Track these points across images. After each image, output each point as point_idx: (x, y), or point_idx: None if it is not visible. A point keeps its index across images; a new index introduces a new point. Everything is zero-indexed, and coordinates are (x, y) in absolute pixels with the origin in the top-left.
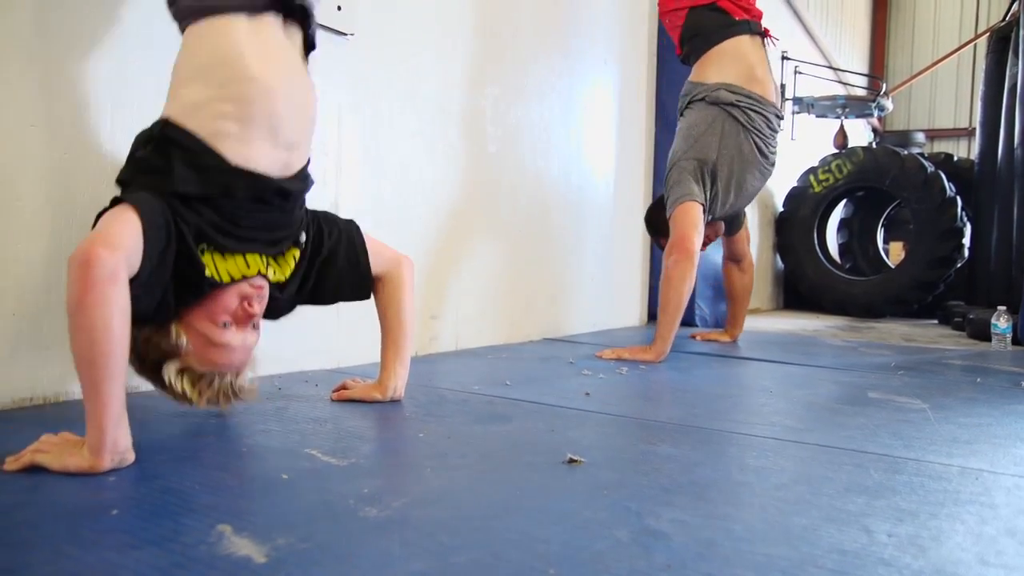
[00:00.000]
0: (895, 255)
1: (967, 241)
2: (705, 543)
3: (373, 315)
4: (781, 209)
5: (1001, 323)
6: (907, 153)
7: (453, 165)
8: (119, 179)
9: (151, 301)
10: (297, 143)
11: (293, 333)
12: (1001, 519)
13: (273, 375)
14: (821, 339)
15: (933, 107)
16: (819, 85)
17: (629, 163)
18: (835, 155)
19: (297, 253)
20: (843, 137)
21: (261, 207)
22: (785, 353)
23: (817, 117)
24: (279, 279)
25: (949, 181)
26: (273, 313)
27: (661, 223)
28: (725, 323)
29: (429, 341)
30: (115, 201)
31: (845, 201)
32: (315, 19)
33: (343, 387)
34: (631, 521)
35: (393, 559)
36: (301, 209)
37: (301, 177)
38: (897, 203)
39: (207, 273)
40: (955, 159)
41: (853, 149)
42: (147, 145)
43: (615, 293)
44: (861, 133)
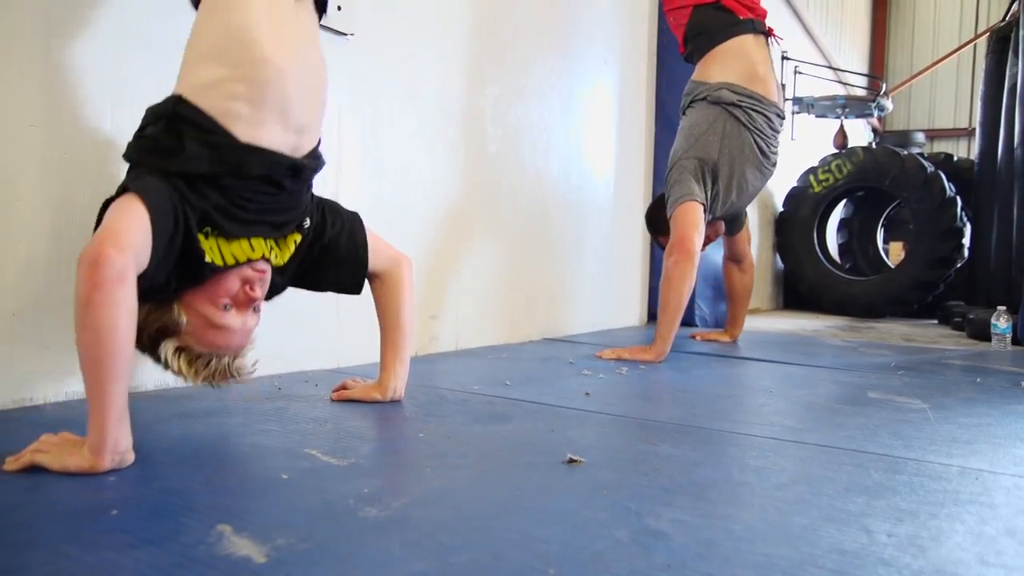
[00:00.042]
0: (895, 255)
1: (967, 241)
2: (705, 543)
3: (373, 315)
4: (781, 209)
5: (1001, 323)
6: (907, 153)
7: (453, 165)
8: (126, 155)
9: (154, 283)
10: (307, 126)
11: (293, 333)
12: (1001, 519)
13: (273, 375)
14: (821, 339)
15: (933, 107)
16: (819, 85)
17: (629, 163)
18: (835, 155)
19: (298, 238)
20: (843, 137)
21: (270, 188)
22: (785, 353)
23: (817, 117)
24: (279, 263)
25: (949, 181)
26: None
27: (661, 222)
28: (725, 323)
29: (429, 341)
30: (122, 189)
31: (845, 201)
32: None
33: (343, 387)
34: (631, 521)
35: (393, 559)
36: (308, 193)
37: (312, 156)
38: (897, 203)
39: (207, 259)
40: (955, 159)
41: (853, 149)
42: (158, 122)
43: (615, 293)
44: (861, 133)
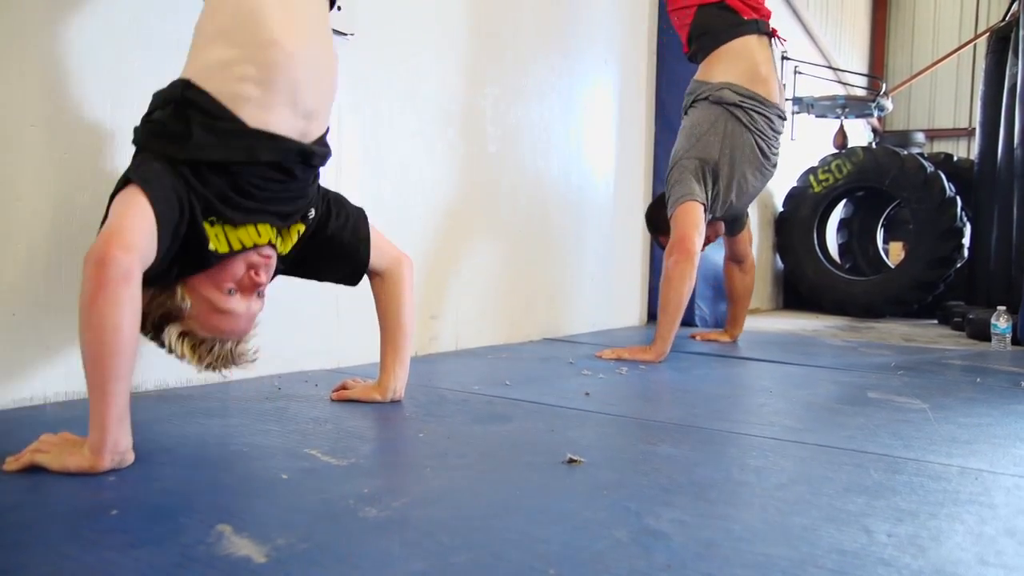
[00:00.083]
0: (895, 255)
1: (967, 241)
2: (705, 543)
3: (373, 315)
4: (781, 209)
5: (1001, 323)
6: (907, 153)
7: (453, 165)
8: (134, 140)
9: (158, 270)
10: (316, 112)
11: (293, 333)
12: (1000, 519)
13: (273, 375)
14: (821, 339)
15: (933, 107)
16: (819, 85)
17: (629, 163)
18: (835, 155)
19: (302, 228)
20: (843, 137)
21: (280, 175)
22: (785, 353)
23: (817, 117)
24: (283, 251)
25: (949, 181)
26: None
27: (662, 221)
28: (725, 323)
29: (429, 341)
30: (125, 180)
31: (845, 201)
32: None
33: (343, 387)
34: (631, 521)
35: (393, 559)
36: (315, 183)
37: (321, 142)
38: (897, 203)
39: (211, 247)
40: (955, 159)
41: (853, 149)
42: (166, 106)
43: (615, 293)
44: (861, 133)
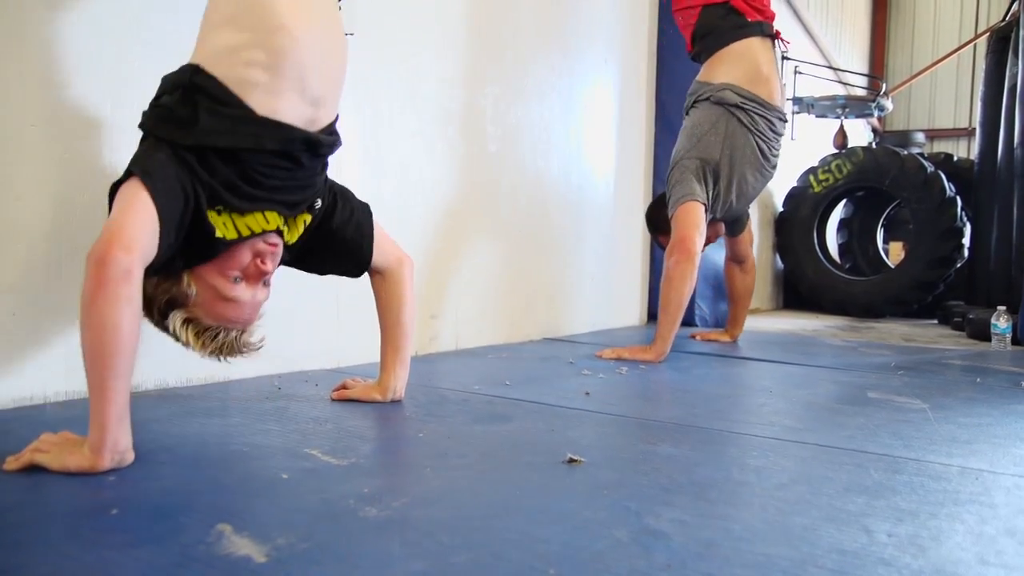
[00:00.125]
0: (895, 255)
1: (967, 241)
2: (705, 543)
3: (373, 315)
4: (781, 209)
5: (1001, 323)
6: (907, 153)
7: (453, 165)
8: (141, 124)
9: (163, 258)
10: (324, 99)
11: (293, 333)
12: (1001, 519)
13: (273, 375)
14: (821, 339)
15: (933, 107)
16: (819, 85)
17: (629, 163)
18: (835, 155)
19: (308, 218)
20: (843, 137)
21: (287, 163)
22: (785, 353)
23: (817, 117)
24: (289, 240)
25: (949, 181)
26: None
27: (662, 221)
28: (725, 323)
29: (429, 341)
30: (128, 172)
31: (845, 201)
32: None
33: (343, 387)
34: (631, 521)
35: (393, 559)
36: (323, 173)
37: (329, 131)
38: (897, 203)
39: (217, 234)
40: (955, 159)
41: (853, 149)
42: (174, 92)
43: (615, 293)
44: (861, 133)
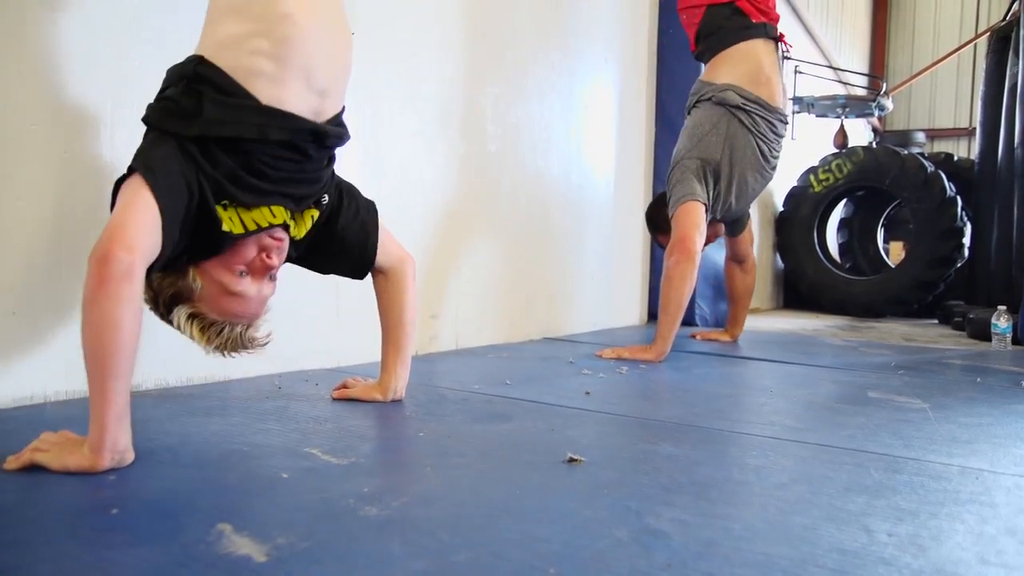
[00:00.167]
0: (895, 255)
1: (967, 241)
2: (705, 542)
3: (373, 314)
4: (781, 208)
5: (1001, 323)
6: (907, 153)
7: (453, 165)
8: (144, 119)
9: (168, 255)
10: (330, 89)
11: (293, 332)
12: (1001, 518)
13: (273, 374)
14: (821, 339)
15: (933, 107)
16: (819, 85)
17: (629, 162)
18: (835, 155)
19: (316, 214)
20: (843, 137)
21: (294, 155)
22: (785, 353)
23: (817, 117)
24: (298, 235)
25: (949, 181)
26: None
27: (662, 220)
28: (726, 323)
29: (429, 340)
30: (131, 168)
31: (845, 201)
32: None
33: (343, 386)
34: (631, 520)
35: (393, 558)
36: (330, 167)
37: (336, 122)
38: (897, 203)
39: (224, 228)
40: (955, 159)
41: (853, 149)
42: (179, 83)
43: (615, 292)
44: (861, 133)
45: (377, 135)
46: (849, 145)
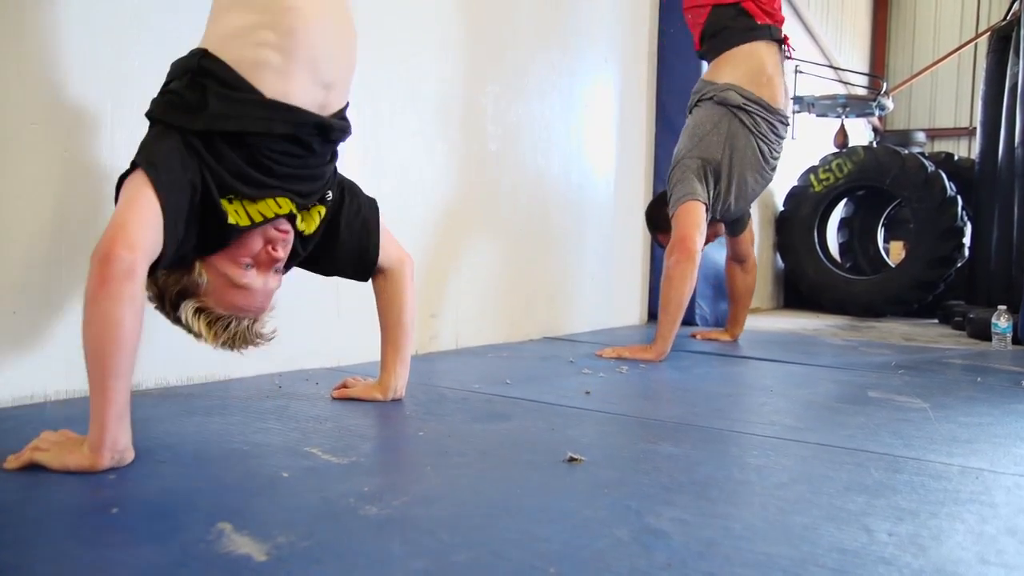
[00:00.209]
0: (895, 254)
1: (967, 240)
2: (705, 542)
3: (374, 314)
4: (781, 208)
5: (1001, 322)
6: (908, 152)
7: (453, 164)
8: (148, 113)
9: (179, 253)
10: (334, 83)
11: (293, 331)
12: (1001, 518)
13: (273, 373)
14: (821, 338)
15: (934, 106)
16: (820, 84)
17: (630, 162)
18: (835, 154)
19: (323, 210)
20: (844, 136)
21: (298, 149)
22: (785, 352)
23: (818, 116)
24: (308, 230)
25: (949, 180)
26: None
27: (661, 219)
28: (726, 322)
29: (429, 340)
30: (134, 163)
31: (845, 200)
32: None
33: (344, 385)
34: (631, 520)
35: (393, 557)
36: (333, 163)
37: (340, 116)
38: (897, 202)
39: (230, 220)
40: (956, 158)
41: (854, 148)
42: (183, 76)
43: (615, 292)
44: (862, 132)
45: (377, 135)
46: (849, 145)
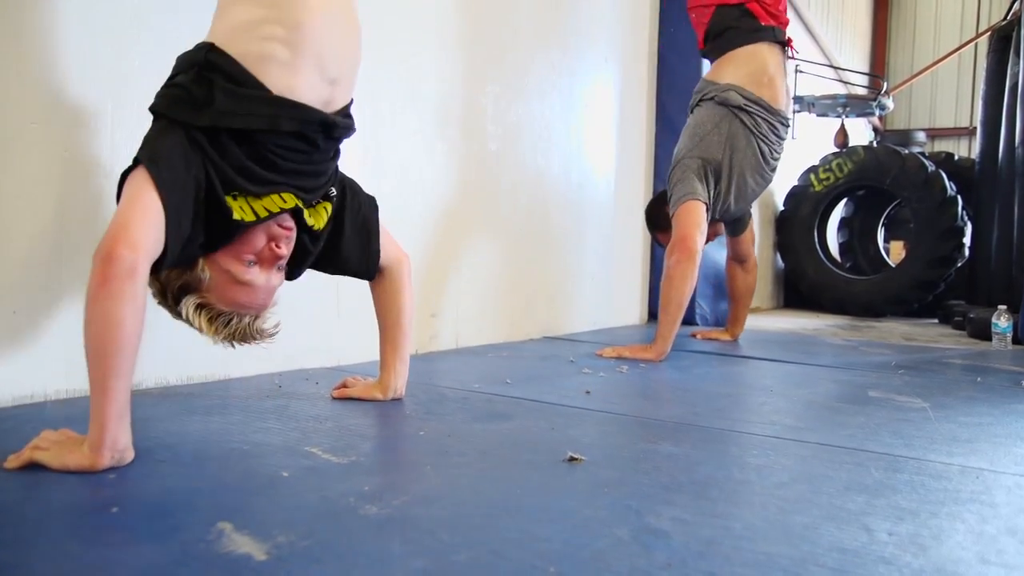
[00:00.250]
0: (895, 254)
1: (967, 240)
2: (705, 541)
3: (373, 313)
4: (782, 208)
5: (1001, 322)
6: (908, 152)
7: (453, 164)
8: (152, 107)
9: (178, 248)
10: (340, 78)
11: (293, 330)
12: (1001, 518)
13: (273, 373)
14: (821, 338)
15: (934, 106)
16: (820, 84)
17: (630, 161)
18: (836, 154)
19: (329, 207)
20: (844, 136)
21: (302, 145)
22: (786, 352)
23: (818, 116)
24: (318, 226)
25: (950, 180)
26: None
27: (661, 218)
28: (726, 322)
29: (429, 339)
30: (136, 160)
31: (846, 200)
32: None
33: (344, 385)
34: (631, 519)
35: (393, 557)
36: (335, 160)
37: (344, 113)
38: (898, 202)
39: (235, 216)
40: (956, 158)
41: (854, 148)
42: (189, 70)
43: (615, 292)
44: (862, 132)
45: (377, 135)
46: (850, 144)
